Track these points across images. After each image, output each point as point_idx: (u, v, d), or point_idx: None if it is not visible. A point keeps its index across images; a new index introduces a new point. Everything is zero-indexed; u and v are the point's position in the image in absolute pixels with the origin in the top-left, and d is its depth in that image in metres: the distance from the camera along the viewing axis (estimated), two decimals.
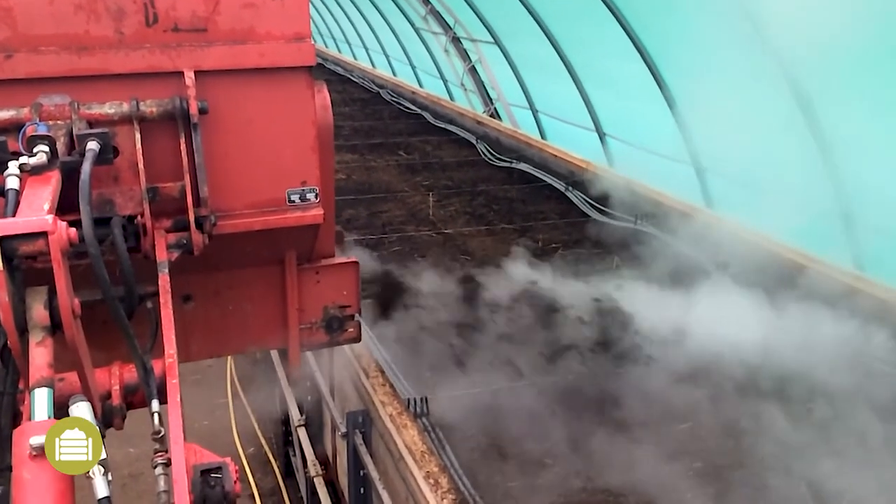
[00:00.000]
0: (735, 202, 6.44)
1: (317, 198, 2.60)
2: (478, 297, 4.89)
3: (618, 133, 8.46)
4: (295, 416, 5.20)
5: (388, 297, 4.79)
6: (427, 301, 4.82)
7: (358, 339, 3.19)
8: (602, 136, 8.64)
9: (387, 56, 15.74)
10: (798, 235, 5.11)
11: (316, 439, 5.01)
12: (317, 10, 19.11)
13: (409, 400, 3.53)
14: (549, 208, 6.85)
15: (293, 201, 2.58)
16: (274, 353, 5.83)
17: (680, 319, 4.37)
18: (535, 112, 10.22)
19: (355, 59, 17.73)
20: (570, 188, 7.06)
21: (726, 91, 6.20)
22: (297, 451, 5.38)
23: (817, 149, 5.37)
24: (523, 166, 7.92)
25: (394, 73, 15.23)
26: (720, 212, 6.20)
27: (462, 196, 7.18)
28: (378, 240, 5.98)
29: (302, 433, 5.04)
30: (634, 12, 6.89)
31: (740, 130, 6.10)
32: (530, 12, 8.68)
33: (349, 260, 3.08)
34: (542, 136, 9.89)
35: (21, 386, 1.86)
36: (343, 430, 3.77)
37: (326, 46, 20.76)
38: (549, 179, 7.45)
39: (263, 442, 7.16)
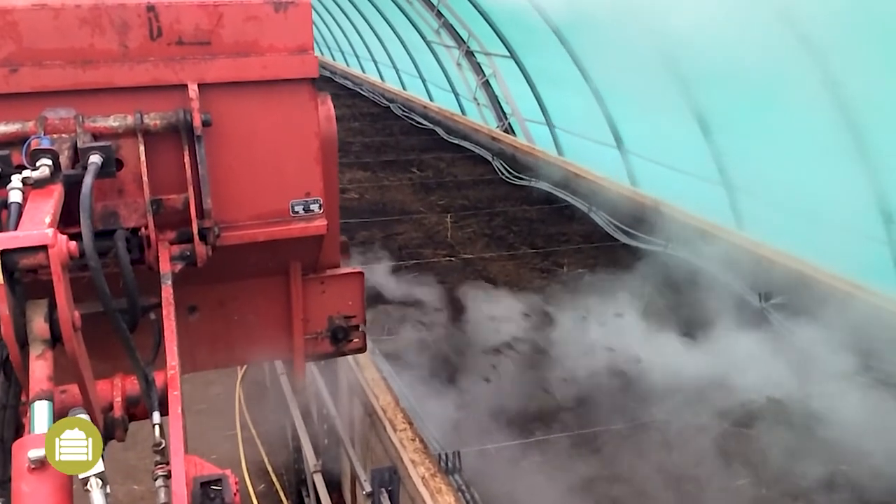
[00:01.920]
0: (769, 225, 6.23)
1: (320, 209, 2.60)
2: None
3: (641, 150, 8.28)
4: (310, 461, 4.82)
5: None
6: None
7: (363, 349, 3.19)
8: (624, 153, 8.49)
9: (396, 69, 15.76)
10: (847, 263, 4.86)
11: (332, 481, 4.70)
12: (325, 23, 19.20)
13: (439, 455, 3.30)
14: (571, 230, 6.60)
15: (297, 212, 2.58)
16: (286, 383, 5.61)
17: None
18: (551, 127, 10.12)
19: (364, 72, 17.76)
20: (594, 208, 6.82)
21: (763, 107, 6.04)
22: (312, 495, 5.05)
23: (863, 169, 5.14)
24: (542, 185, 7.71)
25: (403, 87, 15.24)
26: (753, 234, 5.88)
27: (480, 217, 6.98)
28: (396, 266, 5.75)
29: (318, 480, 4.67)
30: (661, 21, 6.67)
31: (779, 149, 5.92)
32: (549, 25, 8.58)
33: (354, 270, 3.08)
34: (559, 152, 9.76)
35: (24, 398, 1.86)
36: (368, 488, 3.50)
37: (334, 59, 20.80)
38: (570, 199, 7.23)
39: (275, 479, 6.77)
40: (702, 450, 3.55)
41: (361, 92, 14.55)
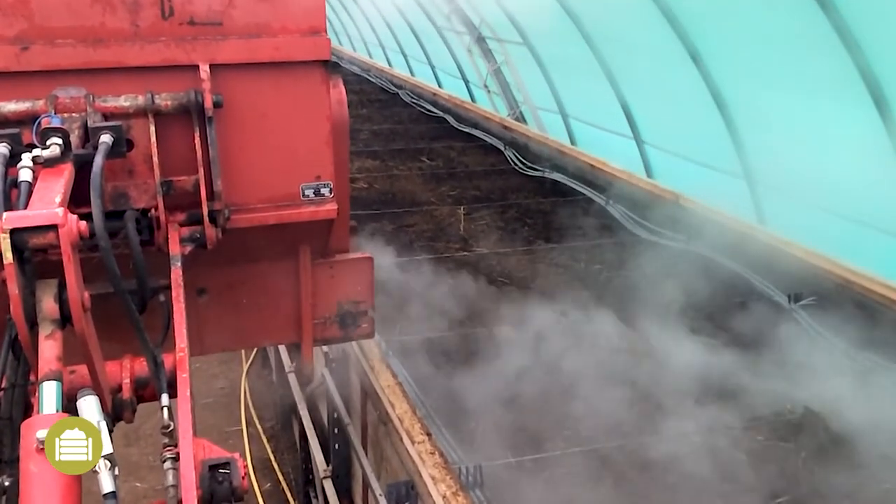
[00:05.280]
0: (794, 221, 5.94)
1: (331, 193, 2.59)
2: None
3: (658, 141, 8.06)
4: (320, 465, 4.63)
5: None
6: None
7: (371, 334, 3.18)
8: (640, 143, 8.34)
9: (405, 55, 15.60)
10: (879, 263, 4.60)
11: (342, 487, 4.52)
12: (331, 6, 19.02)
13: (459, 469, 3.11)
14: (588, 224, 6.35)
15: (307, 196, 2.57)
16: (293, 380, 5.48)
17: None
18: (565, 116, 9.98)
19: (371, 57, 17.56)
20: (611, 201, 6.64)
21: (790, 97, 5.83)
22: (321, 499, 4.82)
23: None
24: (556, 176, 7.51)
25: (412, 73, 15.10)
26: (775, 230, 5.54)
27: (492, 208, 6.77)
28: (408, 261, 5.51)
29: (328, 486, 4.48)
30: (685, 9, 6.44)
31: (807, 142, 5.71)
32: (565, 10, 8.41)
33: (364, 255, 3.07)
34: (573, 142, 9.58)
35: (32, 378, 1.86)
36: (384, 503, 3.33)
37: (341, 44, 20.61)
38: (586, 191, 7.03)
39: (281, 478, 6.55)
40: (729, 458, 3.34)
41: (369, 78, 14.38)
